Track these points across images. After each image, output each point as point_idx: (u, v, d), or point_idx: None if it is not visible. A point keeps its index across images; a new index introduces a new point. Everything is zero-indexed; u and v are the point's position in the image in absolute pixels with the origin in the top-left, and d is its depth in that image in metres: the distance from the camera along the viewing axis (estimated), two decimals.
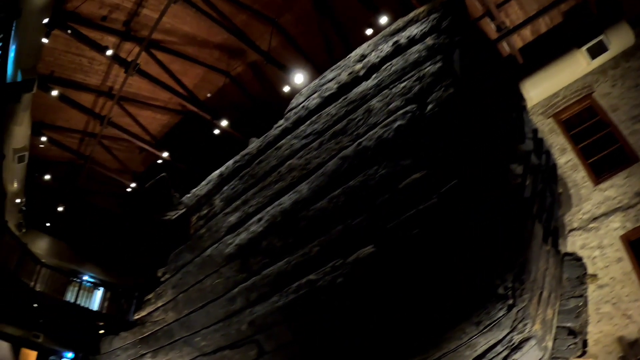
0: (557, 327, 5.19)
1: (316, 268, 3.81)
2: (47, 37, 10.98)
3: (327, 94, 4.06)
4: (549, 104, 9.10)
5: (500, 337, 3.70)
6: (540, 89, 9.17)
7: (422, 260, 3.37)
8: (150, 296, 6.91)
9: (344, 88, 3.95)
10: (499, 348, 3.81)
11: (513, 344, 3.83)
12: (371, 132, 3.44)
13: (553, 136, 8.76)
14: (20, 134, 12.57)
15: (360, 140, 3.49)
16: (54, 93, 12.91)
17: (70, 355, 18.92)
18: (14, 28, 7.15)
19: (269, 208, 4.18)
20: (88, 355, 11.02)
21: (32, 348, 18.57)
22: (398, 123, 3.26)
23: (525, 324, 3.71)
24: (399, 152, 3.25)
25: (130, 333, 7.70)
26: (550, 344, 4.73)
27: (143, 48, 12.84)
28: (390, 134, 3.28)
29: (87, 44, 12.39)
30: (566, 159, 8.60)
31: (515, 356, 3.89)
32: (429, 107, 3.17)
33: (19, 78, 10.34)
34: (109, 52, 12.71)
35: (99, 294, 17.21)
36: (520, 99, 3.55)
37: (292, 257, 3.95)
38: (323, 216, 3.65)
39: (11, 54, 9.60)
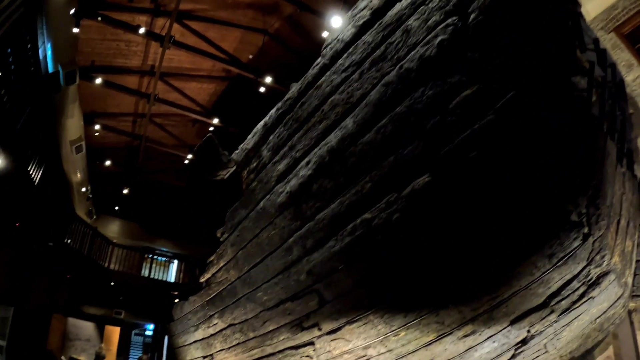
0: (638, 261, 4.90)
1: (370, 206, 3.87)
2: (77, 26, 11.63)
3: (360, 22, 4.00)
4: (608, 18, 8.35)
5: (576, 271, 3.54)
6: (596, 1, 8.50)
7: (484, 186, 3.25)
8: (212, 258, 7.46)
9: (378, 13, 3.85)
10: (574, 284, 3.66)
11: (590, 279, 3.65)
12: (412, 53, 3.35)
13: (617, 52, 8.07)
14: (73, 126, 13.73)
15: (402, 63, 3.42)
16: (98, 81, 13.82)
17: (151, 326, 21.09)
18: (41, 24, 7.65)
19: (316, 150, 4.29)
20: (166, 324, 12.25)
21: (115, 324, 20.92)
22: (440, 38, 3.14)
23: (603, 256, 3.52)
24: (445, 69, 3.14)
25: (198, 297, 8.41)
26: (630, 279, 4.48)
27: (174, 19, 13.21)
28: (433, 51, 3.18)
29: (120, 27, 12.98)
30: (634, 75, 7.96)
31: (593, 293, 3.72)
32: (472, 16, 3.01)
33: (61, 73, 11.12)
34: (142, 30, 13.23)
35: (173, 266, 18.83)
36: (574, 4, 3.23)
37: (345, 198, 4.05)
38: (372, 149, 3.67)
39: (48, 52, 10.31)
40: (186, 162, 17.70)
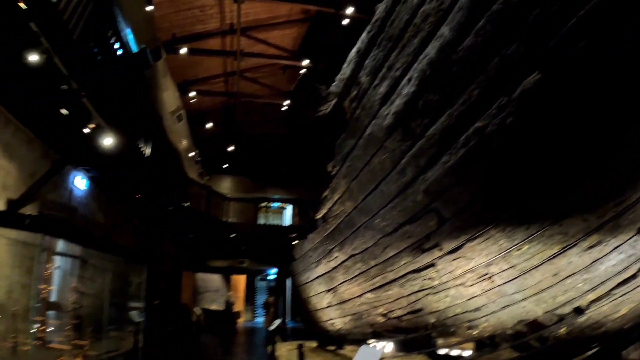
0: None
1: (481, 114, 4.16)
2: (150, 4, 12.88)
3: None
4: None
5: None
6: None
7: (597, 77, 3.31)
8: (326, 193, 8.37)
9: None
10: None
11: None
12: None
13: None
14: (169, 98, 15.63)
15: None
16: (183, 51, 15.31)
17: (273, 271, 23.89)
18: (117, 12, 8.64)
19: (415, 65, 4.64)
20: (288, 266, 13.96)
21: (240, 273, 23.98)
22: None
23: None
24: None
25: (316, 233, 9.53)
26: None
27: None
28: None
29: None
30: None
31: None
32: None
33: (147, 52, 12.57)
34: None
35: (287, 212, 20.87)
36: None
37: (453, 109, 4.41)
38: (474, 54, 3.93)
39: (130, 37, 11.61)
40: (284, 108, 18.92)
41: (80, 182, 10.07)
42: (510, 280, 5.68)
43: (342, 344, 12.41)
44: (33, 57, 4.94)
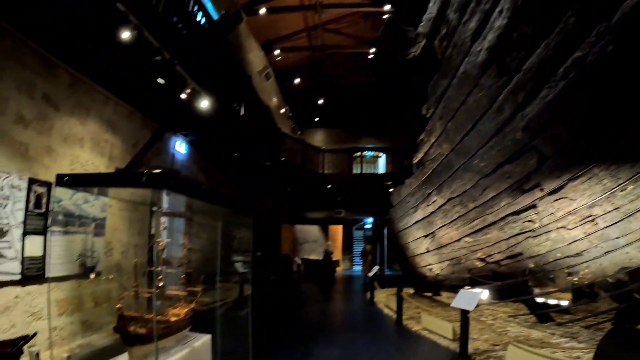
0: None
1: (579, 43, 4.23)
2: None
3: None
4: None
5: None
6: None
7: None
8: (422, 136, 8.69)
9: None
10: None
11: None
12: None
13: None
14: (255, 58, 16.57)
15: None
16: (262, 11, 15.89)
17: (369, 220, 24.87)
18: None
19: None
20: (384, 214, 14.58)
21: (337, 223, 25.27)
22: None
23: None
24: None
25: (414, 178, 9.94)
26: None
27: None
28: None
29: None
30: None
31: None
32: None
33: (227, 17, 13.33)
34: None
35: (381, 160, 21.42)
36: None
37: (550, 39, 4.49)
38: None
39: (209, 5, 12.30)
40: (370, 56, 18.98)
41: (180, 147, 11.22)
42: (614, 224, 5.73)
43: (439, 291, 13.01)
44: (125, 35, 5.78)
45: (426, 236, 10.25)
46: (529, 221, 6.87)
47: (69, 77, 6.33)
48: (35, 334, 2.18)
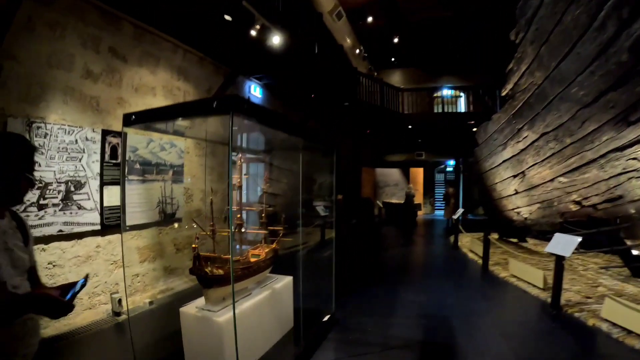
0: None
1: None
2: None
3: None
4: None
5: None
6: None
7: None
8: (510, 66, 8.03)
9: None
10: None
11: None
12: None
13: None
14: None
15: None
16: None
17: (450, 162, 24.20)
18: None
19: None
20: (468, 154, 13.99)
21: (418, 166, 24.77)
22: None
23: None
24: None
25: (502, 112, 9.31)
26: None
27: None
28: None
29: None
30: None
31: None
32: None
33: None
34: None
35: (461, 100, 20.49)
36: None
37: None
38: None
39: None
40: None
41: (255, 92, 11.22)
42: None
43: (524, 237, 12.45)
44: None
45: (515, 176, 9.71)
46: (634, 159, 6.23)
47: (133, 29, 6.41)
48: (87, 277, 2.08)
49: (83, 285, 2.07)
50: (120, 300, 6.05)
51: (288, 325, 5.44)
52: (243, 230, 4.97)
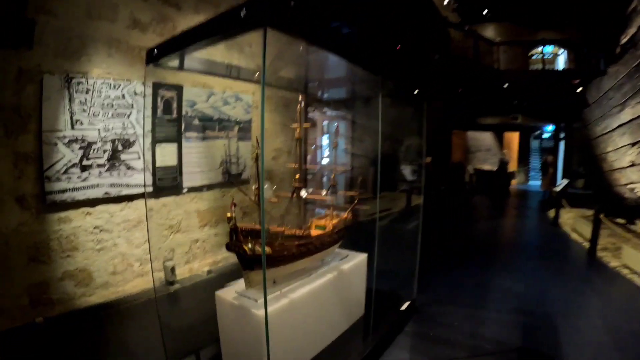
0: None
1: None
2: None
3: None
4: None
5: None
6: None
7: None
8: (633, 4, 6.63)
9: None
10: None
11: None
12: None
13: None
14: None
15: None
16: None
17: (549, 128, 22.03)
18: None
19: None
20: (573, 118, 12.30)
21: (512, 130, 22.89)
22: None
23: None
24: None
25: (620, 65, 7.86)
26: None
27: None
28: None
29: None
30: None
31: None
32: None
33: None
34: None
35: (560, 58, 18.43)
36: None
37: None
38: None
39: None
40: None
41: None
42: None
43: (634, 218, 10.66)
44: None
45: (633, 144, 8.24)
46: None
47: None
48: None
49: None
50: (173, 269, 5.73)
51: (357, 313, 4.69)
52: (303, 194, 4.21)
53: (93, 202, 4.87)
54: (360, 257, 4.69)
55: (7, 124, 4.17)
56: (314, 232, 4.22)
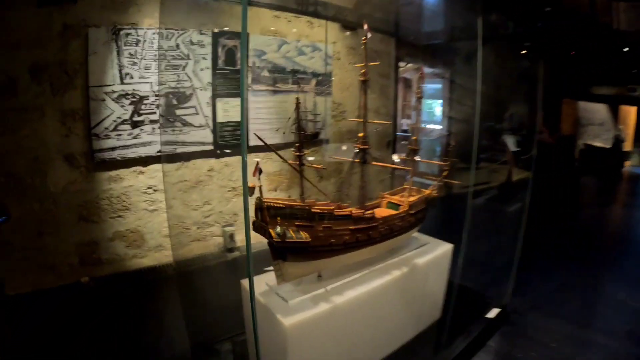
0: None
1: None
2: None
3: None
4: None
5: None
6: None
7: None
8: None
9: None
10: None
11: None
12: None
13: None
14: None
15: None
16: None
17: None
18: None
19: None
20: None
21: (630, 104, 20.43)
22: None
23: None
24: None
25: None
26: None
27: None
28: None
29: None
30: None
31: None
32: None
33: None
34: None
35: None
36: None
37: None
38: None
39: None
40: None
41: None
42: None
43: None
44: None
45: None
46: None
47: None
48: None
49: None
50: (232, 235, 5.37)
51: (430, 316, 3.94)
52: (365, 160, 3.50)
53: (145, 161, 4.59)
54: (444, 248, 3.89)
55: (53, 81, 4.00)
56: (383, 212, 3.48)
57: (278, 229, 2.69)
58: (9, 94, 3.86)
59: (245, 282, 3.12)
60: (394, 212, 3.52)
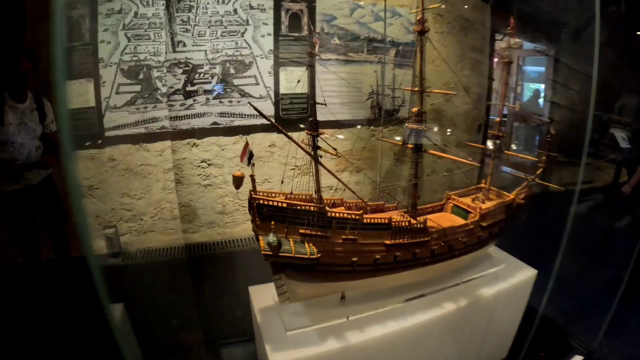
0: None
1: None
2: None
3: None
4: None
5: None
6: None
7: None
8: None
9: None
10: None
11: None
12: None
13: None
14: None
15: None
16: None
17: None
18: None
19: None
20: None
21: None
22: None
23: None
24: None
25: None
26: None
27: None
28: None
29: None
30: None
31: None
32: None
33: None
34: None
35: None
36: None
37: None
38: None
39: None
40: None
41: None
42: None
43: None
44: None
45: None
46: None
47: None
48: None
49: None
50: None
51: (493, 356, 3.14)
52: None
53: (200, 133, 4.35)
54: (524, 275, 3.01)
55: None
56: (445, 219, 2.70)
57: (271, 237, 2.08)
58: None
59: (253, 289, 2.78)
60: (460, 220, 2.74)
